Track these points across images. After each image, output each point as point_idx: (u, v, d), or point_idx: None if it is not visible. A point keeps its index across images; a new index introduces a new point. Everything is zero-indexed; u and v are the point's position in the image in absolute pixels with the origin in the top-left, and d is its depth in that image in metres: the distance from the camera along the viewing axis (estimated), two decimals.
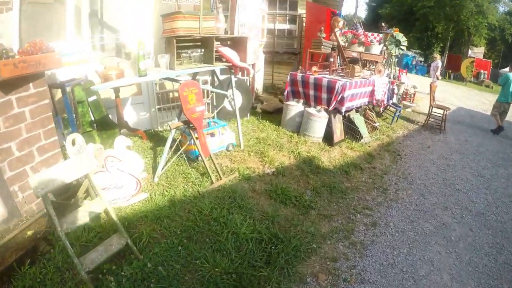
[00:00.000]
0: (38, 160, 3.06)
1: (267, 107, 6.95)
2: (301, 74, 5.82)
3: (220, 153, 4.61)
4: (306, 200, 3.97)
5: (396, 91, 8.01)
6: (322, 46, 5.72)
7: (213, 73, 4.65)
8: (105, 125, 4.14)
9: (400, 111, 7.77)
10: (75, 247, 2.75)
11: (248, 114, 6.26)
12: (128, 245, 2.64)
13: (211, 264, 2.79)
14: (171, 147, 4.01)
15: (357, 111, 6.25)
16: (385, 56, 7.95)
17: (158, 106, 5.30)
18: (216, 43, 4.14)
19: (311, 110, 5.37)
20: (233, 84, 4.58)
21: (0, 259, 2.62)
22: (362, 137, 5.81)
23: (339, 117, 5.64)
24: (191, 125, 3.81)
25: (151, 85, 5.15)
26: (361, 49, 6.39)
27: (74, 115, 3.86)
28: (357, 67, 5.74)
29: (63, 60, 3.41)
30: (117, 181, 3.27)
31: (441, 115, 7.95)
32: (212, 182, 3.86)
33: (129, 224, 3.12)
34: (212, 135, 4.54)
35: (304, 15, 8.87)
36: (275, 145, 5.07)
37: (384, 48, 7.64)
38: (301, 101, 5.74)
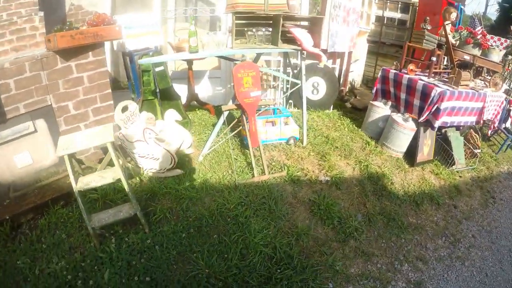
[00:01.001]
0: (93, 120, 3.22)
1: (358, 103, 5.89)
2: (394, 71, 4.61)
3: (278, 145, 3.99)
4: (351, 225, 3.18)
5: None
6: (425, 41, 4.35)
7: (285, 56, 3.95)
8: (168, 95, 3.99)
9: None
10: (99, 202, 2.86)
11: (331, 107, 5.31)
12: (137, 215, 2.60)
13: (205, 262, 2.48)
14: (231, 128, 3.66)
15: (457, 129, 4.77)
16: (509, 68, 5.85)
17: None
18: (290, 23, 3.48)
19: (397, 117, 4.23)
20: (303, 71, 3.84)
21: (42, 195, 2.93)
22: (454, 163, 4.42)
23: (431, 133, 4.37)
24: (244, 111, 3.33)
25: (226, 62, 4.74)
26: (476, 51, 4.71)
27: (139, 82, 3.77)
28: (466, 74, 4.26)
29: (132, 32, 3.56)
30: (154, 153, 3.13)
31: None
32: (253, 176, 3.36)
33: (152, 196, 3.00)
34: (273, 124, 3.94)
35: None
36: (343, 150, 4.17)
37: (509, 57, 5.65)
38: (389, 103, 4.58)
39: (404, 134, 4.14)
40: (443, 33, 4.56)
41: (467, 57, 4.77)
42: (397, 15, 7.45)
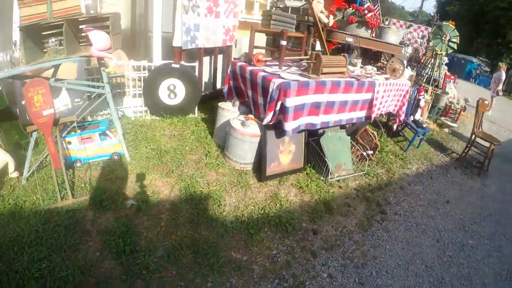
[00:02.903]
0: None
1: None
2: (240, 64, 3.25)
3: (101, 163, 2.86)
4: (143, 261, 2.09)
5: (422, 104, 4.29)
6: (273, 22, 2.97)
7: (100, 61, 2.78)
8: (6, 116, 3.05)
9: (424, 134, 4.21)
10: None
11: (196, 110, 3.97)
12: None
13: None
14: None
15: (342, 127, 3.35)
16: (433, 55, 4.36)
17: (89, 94, 3.70)
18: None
19: (235, 121, 2.93)
20: (105, 79, 2.72)
21: None
22: (328, 173, 3.02)
23: (296, 136, 3.02)
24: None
25: (81, 69, 3.60)
26: (364, 32, 3.25)
27: None
28: (336, 59, 2.86)
29: None
30: None
31: (486, 150, 4.23)
32: (56, 200, 2.46)
33: None
34: (89, 140, 2.83)
35: None
36: (171, 164, 2.93)
37: (431, 43, 4.23)
38: (237, 104, 3.22)
39: (244, 142, 2.82)
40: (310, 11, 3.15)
41: (350, 40, 3.33)
42: (297, 3, 5.79)
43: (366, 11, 3.38)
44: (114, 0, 4.20)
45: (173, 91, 3.58)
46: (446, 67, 6.52)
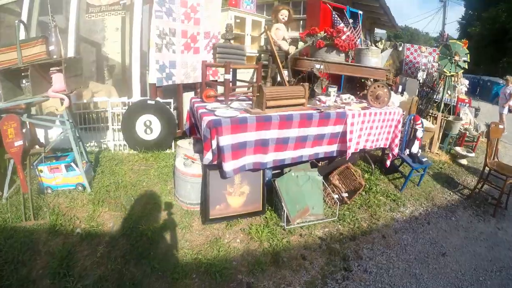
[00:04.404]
0: None
1: None
2: (193, 100, 3.31)
3: (67, 192, 3.19)
4: (70, 286, 2.31)
5: (419, 135, 3.58)
6: (218, 55, 2.92)
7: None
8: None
9: (425, 170, 3.53)
10: None
11: (173, 145, 4.11)
12: None
13: None
14: None
15: (314, 166, 3.11)
16: (442, 78, 3.70)
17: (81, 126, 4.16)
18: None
19: (179, 161, 2.90)
20: (66, 116, 3.09)
21: None
22: (288, 220, 2.80)
23: (252, 176, 2.91)
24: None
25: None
26: (334, 57, 2.98)
27: None
28: (289, 90, 2.71)
29: None
30: None
31: (502, 184, 3.43)
32: (21, 220, 2.90)
33: None
34: (58, 170, 3.22)
35: None
36: (124, 198, 3.10)
37: (436, 64, 3.76)
38: (192, 141, 3.21)
39: (186, 182, 2.84)
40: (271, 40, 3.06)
41: (318, 66, 3.12)
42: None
43: (339, 33, 3.13)
44: (117, 38, 4.74)
45: (149, 127, 3.82)
46: (465, 89, 5.61)
